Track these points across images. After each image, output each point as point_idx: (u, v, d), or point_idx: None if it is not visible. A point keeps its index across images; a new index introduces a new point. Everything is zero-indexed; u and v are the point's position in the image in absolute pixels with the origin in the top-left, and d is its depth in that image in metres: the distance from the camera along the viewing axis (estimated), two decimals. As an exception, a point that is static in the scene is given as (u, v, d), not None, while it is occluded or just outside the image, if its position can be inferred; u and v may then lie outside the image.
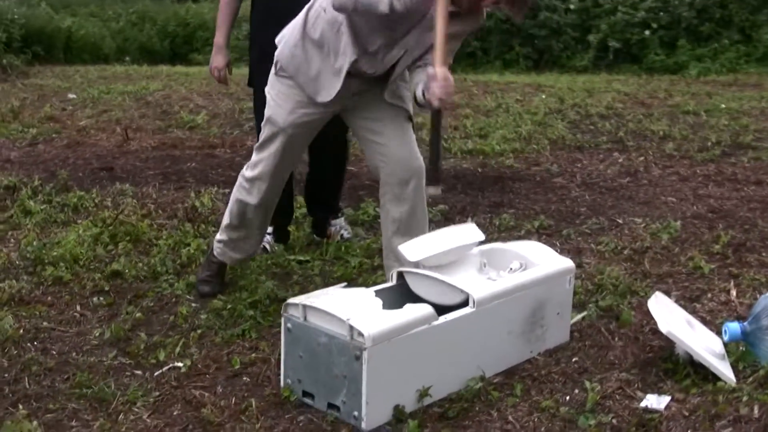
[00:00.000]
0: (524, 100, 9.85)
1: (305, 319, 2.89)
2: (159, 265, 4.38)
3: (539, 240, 4.85)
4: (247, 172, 3.84)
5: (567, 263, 3.44)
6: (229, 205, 3.95)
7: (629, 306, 3.83)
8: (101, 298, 3.98)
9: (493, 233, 5.03)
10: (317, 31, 3.46)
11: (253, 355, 3.34)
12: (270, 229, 4.66)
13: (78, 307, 3.88)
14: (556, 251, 4.63)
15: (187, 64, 15.98)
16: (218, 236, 4.04)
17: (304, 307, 2.88)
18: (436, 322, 2.87)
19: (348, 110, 3.72)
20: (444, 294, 3.10)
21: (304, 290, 4.06)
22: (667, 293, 4.04)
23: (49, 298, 3.98)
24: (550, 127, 8.30)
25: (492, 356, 3.11)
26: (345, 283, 3.19)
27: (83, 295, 4.03)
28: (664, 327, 3.07)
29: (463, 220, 5.35)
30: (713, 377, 3.06)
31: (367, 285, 3.92)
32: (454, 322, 2.94)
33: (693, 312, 3.82)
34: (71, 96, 10.25)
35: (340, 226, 4.88)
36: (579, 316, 3.65)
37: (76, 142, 7.81)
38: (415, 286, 3.21)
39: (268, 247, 4.65)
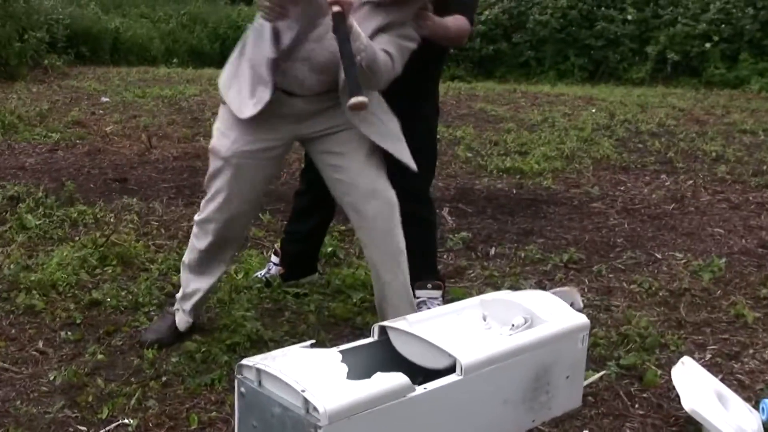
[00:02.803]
0: (572, 114, 9.37)
1: (260, 384, 2.47)
2: (143, 295, 4.00)
3: (567, 276, 4.42)
4: (196, 216, 3.44)
5: (580, 320, 2.97)
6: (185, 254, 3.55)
7: (656, 363, 3.36)
8: (69, 333, 3.60)
9: (516, 267, 4.59)
10: (249, 45, 3.10)
11: (215, 413, 2.92)
12: (276, 260, 4.25)
13: (41, 343, 3.50)
14: (584, 290, 4.21)
15: (234, 68, 15.70)
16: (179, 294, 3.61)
17: (258, 370, 2.46)
18: (412, 395, 2.43)
19: (308, 142, 3.30)
20: (429, 356, 2.66)
21: (293, 330, 3.69)
22: (703, 347, 3.59)
23: (14, 330, 3.62)
24: (595, 144, 7.82)
25: (483, 429, 2.67)
26: (312, 341, 2.76)
27: (52, 328, 3.66)
28: (687, 404, 2.61)
29: (486, 250, 4.90)
30: (745, 465, 2.59)
31: (367, 324, 3.51)
32: (435, 392, 2.50)
33: (730, 373, 3.34)
34: (104, 99, 9.98)
35: (424, 300, 3.83)
36: (596, 376, 3.18)
37: (97, 149, 7.49)
38: (399, 344, 2.78)
39: (268, 278, 4.23)
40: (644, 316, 3.84)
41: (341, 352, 2.62)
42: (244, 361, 2.53)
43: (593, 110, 9.59)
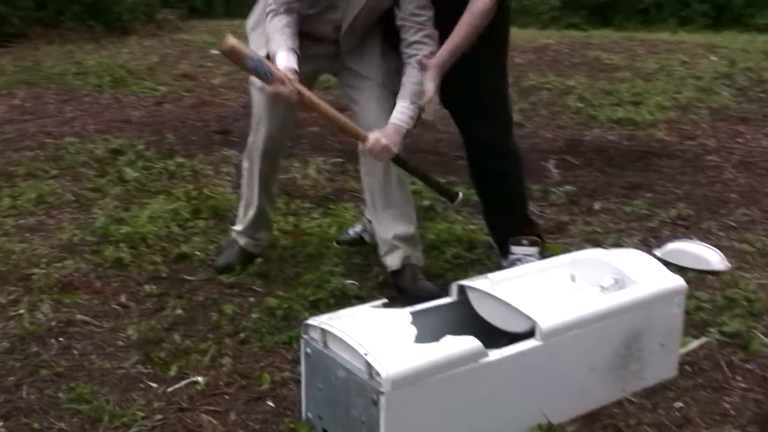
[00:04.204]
0: (691, 62, 8.92)
1: (325, 345, 2.35)
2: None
3: (674, 233, 4.17)
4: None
5: (676, 282, 2.75)
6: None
7: (764, 331, 3.11)
8: (153, 287, 3.55)
9: (620, 223, 4.36)
10: None
11: (288, 372, 2.82)
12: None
13: (124, 297, 3.46)
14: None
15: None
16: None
17: (324, 331, 2.34)
18: (484, 360, 2.28)
19: (335, 74, 3.62)
20: (509, 318, 2.50)
21: (382, 287, 3.55)
22: (818, 316, 3.30)
23: (99, 283, 3.59)
24: (714, 94, 7.42)
25: (565, 398, 2.49)
26: (385, 300, 2.62)
27: (138, 282, 3.62)
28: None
29: (590, 205, 4.68)
30: None
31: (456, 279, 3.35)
32: (511, 359, 2.33)
33: None
34: (214, 52, 9.96)
35: (519, 257, 3.64)
36: (695, 343, 2.96)
37: (202, 101, 7.48)
38: (479, 305, 2.62)
39: (366, 237, 4.10)
40: (754, 279, 3.57)
41: (413, 313, 2.47)
42: (310, 321, 2.41)
43: (713, 58, 9.11)
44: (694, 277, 3.58)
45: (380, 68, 3.42)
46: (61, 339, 3.11)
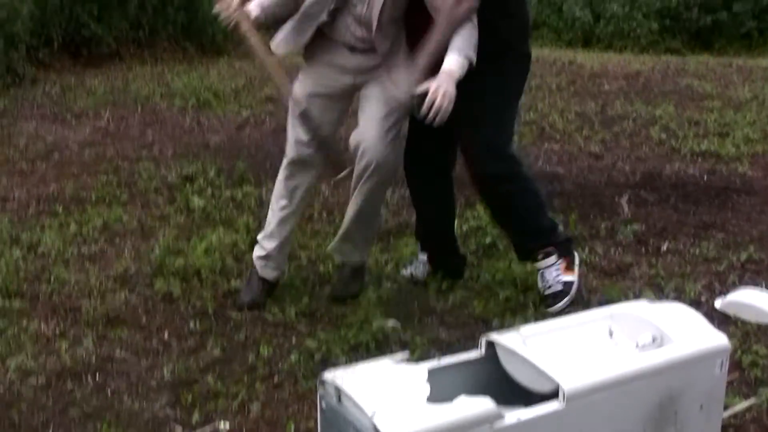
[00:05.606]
0: (787, 92, 8.60)
1: (339, 400, 2.28)
2: (284, 286, 3.89)
3: (741, 279, 3.98)
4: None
5: (719, 341, 2.59)
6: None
7: (823, 395, 2.93)
8: (198, 324, 3.54)
9: (686, 266, 4.18)
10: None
11: (314, 422, 2.75)
12: (424, 257, 4.06)
13: (166, 334, 3.47)
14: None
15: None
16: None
17: (336, 387, 2.27)
18: (498, 425, 2.17)
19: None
20: (534, 378, 2.39)
21: (424, 331, 3.47)
22: None
23: (145, 318, 3.60)
24: (808, 127, 7.11)
25: (591, 465, 2.37)
26: (407, 353, 2.53)
27: (184, 317, 3.62)
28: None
29: (657, 245, 4.51)
30: None
31: (505, 327, 3.24)
32: (529, 423, 2.22)
33: None
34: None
35: (542, 273, 3.72)
36: (742, 405, 2.80)
37: (283, 127, 7.37)
38: (507, 361, 2.51)
39: (415, 274, 4.04)
40: (819, 335, 3.39)
41: (435, 370, 2.38)
42: (326, 374, 2.34)
43: (812, 87, 8.78)
44: (755, 328, 3.41)
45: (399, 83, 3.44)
46: (97, 377, 3.12)
